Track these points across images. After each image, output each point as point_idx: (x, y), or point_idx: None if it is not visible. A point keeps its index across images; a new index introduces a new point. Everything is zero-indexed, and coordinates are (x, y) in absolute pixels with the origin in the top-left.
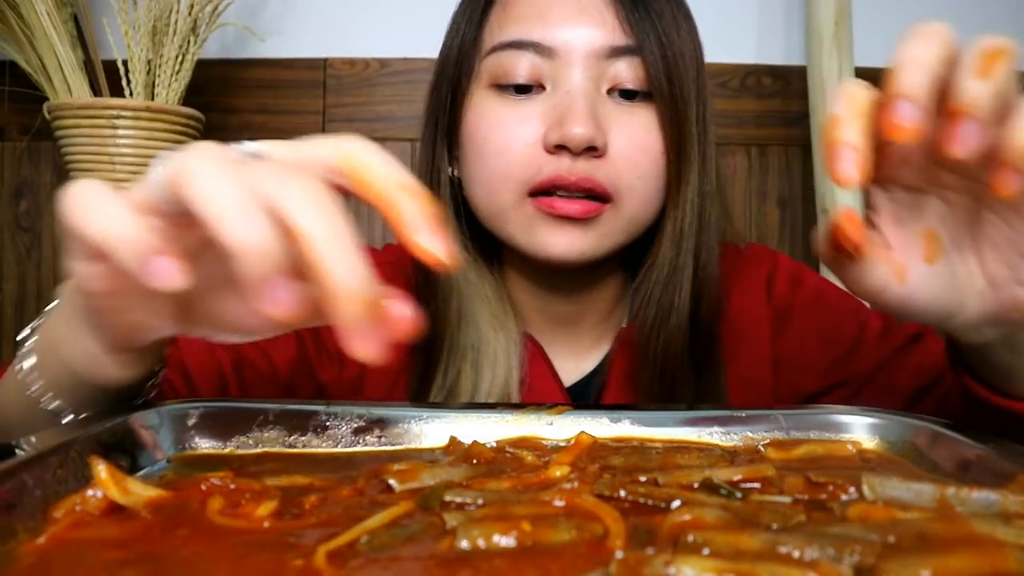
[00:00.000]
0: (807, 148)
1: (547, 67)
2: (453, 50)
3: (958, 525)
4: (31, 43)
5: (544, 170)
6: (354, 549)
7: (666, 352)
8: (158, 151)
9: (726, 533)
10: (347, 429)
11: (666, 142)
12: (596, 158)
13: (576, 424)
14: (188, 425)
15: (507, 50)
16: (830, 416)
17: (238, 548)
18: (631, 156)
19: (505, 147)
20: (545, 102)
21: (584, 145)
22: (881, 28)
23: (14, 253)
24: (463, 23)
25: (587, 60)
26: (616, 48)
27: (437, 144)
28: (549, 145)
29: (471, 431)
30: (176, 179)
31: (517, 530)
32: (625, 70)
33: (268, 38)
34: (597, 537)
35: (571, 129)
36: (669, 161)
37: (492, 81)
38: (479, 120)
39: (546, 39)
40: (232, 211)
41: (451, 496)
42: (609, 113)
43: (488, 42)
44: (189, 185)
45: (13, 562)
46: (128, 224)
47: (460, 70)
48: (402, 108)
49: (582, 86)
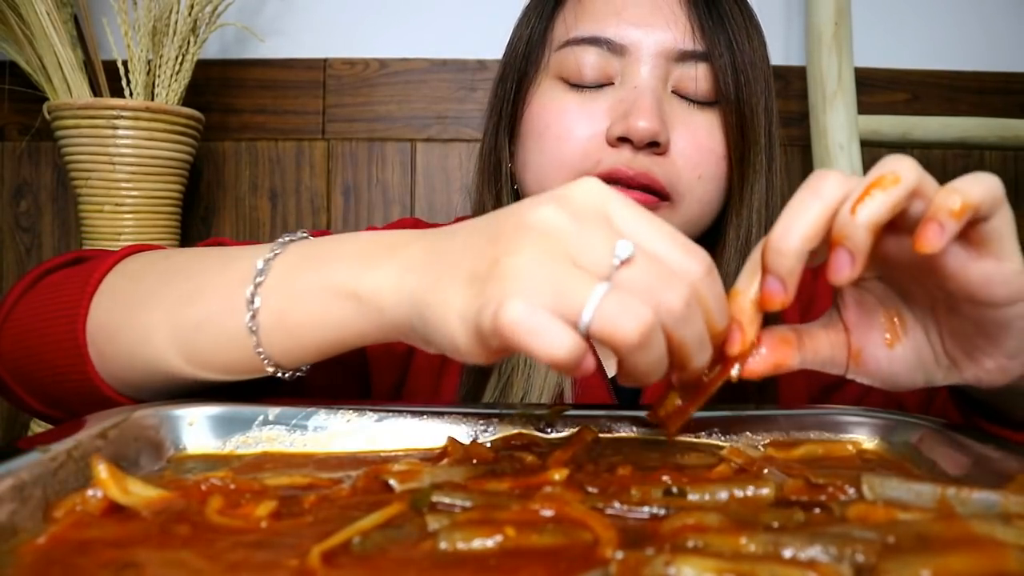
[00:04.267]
0: (807, 148)
1: (616, 64)
2: (522, 42)
3: (958, 525)
4: (31, 43)
5: (604, 162)
6: (348, 549)
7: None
8: (158, 151)
9: (726, 534)
10: (348, 429)
11: (728, 147)
12: (657, 155)
13: (576, 425)
14: (188, 425)
15: (580, 45)
16: (830, 416)
17: (236, 548)
18: (692, 156)
19: (566, 136)
20: (611, 97)
21: (647, 139)
22: (881, 28)
23: (14, 253)
24: (533, 16)
25: (656, 59)
26: (686, 52)
27: (500, 135)
28: (612, 138)
29: (471, 431)
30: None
31: (501, 534)
32: (692, 74)
33: (268, 38)
34: (587, 544)
35: (636, 122)
36: (731, 166)
37: (561, 74)
38: (543, 108)
39: (619, 36)
40: (639, 347)
41: (440, 498)
42: (674, 111)
43: (560, 35)
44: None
45: (13, 562)
46: (573, 347)
47: (528, 62)
48: (402, 108)
49: (650, 83)
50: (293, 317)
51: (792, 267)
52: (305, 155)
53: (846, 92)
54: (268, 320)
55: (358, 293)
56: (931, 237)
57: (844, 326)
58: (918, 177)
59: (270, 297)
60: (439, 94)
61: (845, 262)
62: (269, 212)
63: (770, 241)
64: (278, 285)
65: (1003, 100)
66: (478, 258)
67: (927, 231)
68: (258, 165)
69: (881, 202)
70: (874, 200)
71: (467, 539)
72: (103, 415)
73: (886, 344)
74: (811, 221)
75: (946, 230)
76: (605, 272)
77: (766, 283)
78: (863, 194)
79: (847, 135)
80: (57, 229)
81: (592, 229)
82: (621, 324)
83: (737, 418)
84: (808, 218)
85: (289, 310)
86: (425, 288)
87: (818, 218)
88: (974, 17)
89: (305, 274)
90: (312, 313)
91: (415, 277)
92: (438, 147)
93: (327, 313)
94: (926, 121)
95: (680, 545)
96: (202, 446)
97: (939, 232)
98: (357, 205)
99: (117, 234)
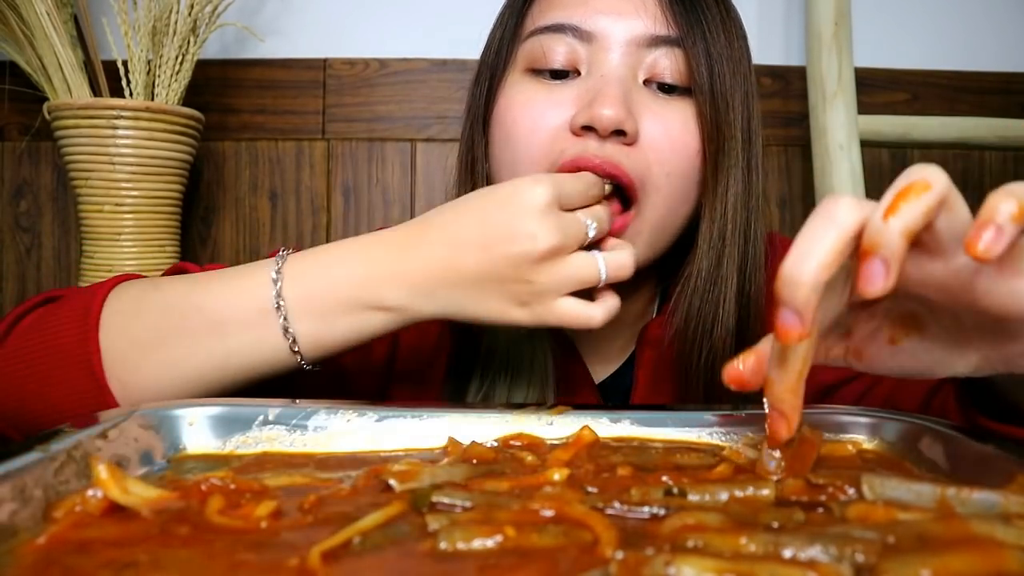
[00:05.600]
0: (807, 148)
1: (584, 52)
2: (495, 40)
3: (958, 525)
4: (31, 43)
5: (568, 151)
6: (348, 549)
7: (711, 365)
8: (158, 151)
9: (726, 534)
10: (348, 429)
11: (703, 140)
12: (625, 144)
13: (576, 424)
14: (188, 425)
15: (545, 33)
16: (830, 416)
17: (236, 548)
18: (663, 148)
19: (532, 129)
20: (578, 87)
21: (612, 127)
22: (881, 28)
23: (14, 253)
24: (507, 14)
25: (626, 47)
26: (657, 38)
27: (475, 135)
28: (576, 127)
29: (471, 431)
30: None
31: (501, 534)
32: (664, 61)
33: (268, 38)
34: (587, 544)
35: (600, 110)
36: (704, 161)
37: (528, 65)
38: (509, 102)
39: (585, 23)
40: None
41: (440, 498)
42: (643, 101)
43: (528, 27)
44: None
45: (13, 562)
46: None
47: (498, 58)
48: (402, 108)
49: (618, 71)
50: (329, 337)
51: (807, 298)
52: (305, 155)
53: (846, 92)
54: (306, 341)
55: (386, 305)
56: (989, 241)
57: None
58: (948, 185)
59: (301, 325)
60: (439, 94)
61: (879, 272)
62: (269, 212)
63: (783, 272)
64: (304, 313)
65: (1003, 100)
66: (500, 270)
67: (983, 235)
68: (258, 165)
69: (915, 207)
70: (908, 204)
71: (467, 539)
72: (103, 415)
73: (888, 342)
74: (827, 248)
75: (1005, 234)
76: (585, 241)
77: (780, 317)
78: (895, 201)
79: (847, 135)
80: (57, 229)
81: (570, 228)
82: (620, 269)
83: (737, 418)
84: (824, 245)
85: (324, 333)
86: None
87: (834, 244)
88: (974, 17)
89: (325, 301)
90: (349, 330)
91: (445, 290)
92: (438, 147)
93: (362, 327)
94: (926, 121)
95: (680, 545)
96: (202, 446)
97: (997, 235)
98: (357, 205)
99: (117, 234)
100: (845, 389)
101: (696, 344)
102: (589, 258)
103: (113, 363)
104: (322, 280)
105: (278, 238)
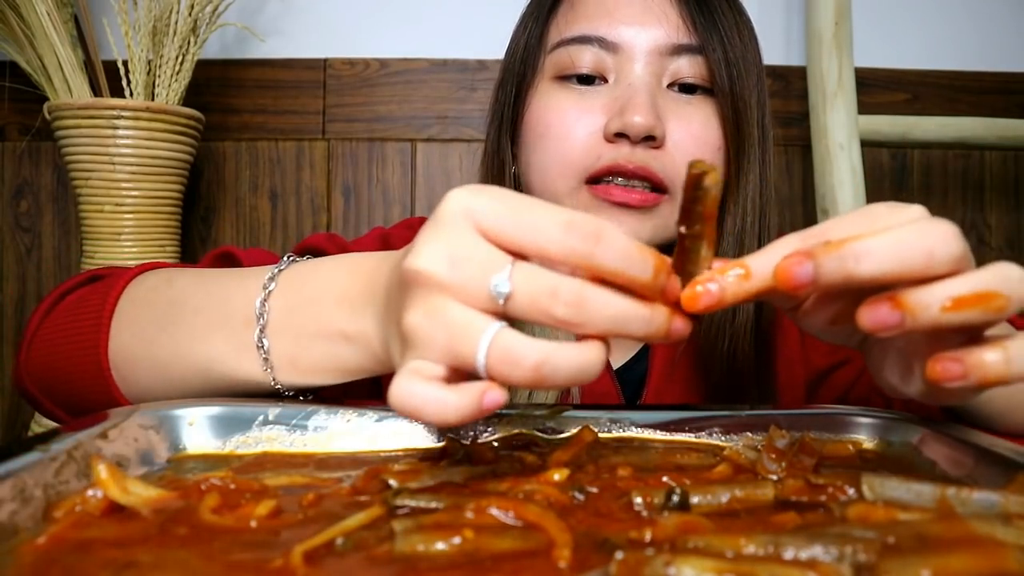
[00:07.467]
0: (807, 148)
1: (610, 61)
2: (519, 47)
3: (958, 525)
4: (31, 43)
5: (603, 158)
6: (331, 549)
7: (733, 352)
8: (158, 151)
9: (726, 534)
10: (348, 429)
11: (725, 137)
12: (654, 148)
13: (576, 425)
14: (188, 425)
15: (573, 44)
16: (830, 416)
17: (234, 548)
18: (688, 148)
19: (566, 135)
20: (607, 94)
21: (643, 133)
22: (881, 28)
23: (14, 253)
24: (530, 21)
25: (649, 56)
26: (679, 46)
27: (502, 139)
28: (609, 134)
29: (472, 431)
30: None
31: (460, 537)
32: (686, 66)
33: (268, 38)
34: (543, 546)
35: (631, 118)
36: (728, 158)
37: (556, 73)
38: (542, 109)
39: (611, 35)
40: (538, 380)
41: (405, 501)
42: (668, 105)
43: (554, 37)
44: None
45: (13, 562)
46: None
47: (526, 65)
48: (402, 108)
49: (644, 79)
50: (305, 360)
51: (842, 278)
52: (305, 155)
53: (846, 92)
54: (280, 362)
55: (350, 337)
56: (950, 375)
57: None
58: (1018, 307)
59: (277, 342)
60: (439, 94)
61: (891, 323)
62: (269, 212)
63: (853, 244)
64: (282, 329)
65: (1003, 100)
66: (394, 313)
67: (947, 367)
68: (258, 165)
69: (971, 316)
70: (967, 311)
71: (427, 542)
72: (103, 415)
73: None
74: (905, 263)
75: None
76: (488, 305)
77: (797, 262)
78: (966, 301)
79: (847, 135)
80: (57, 229)
81: (466, 265)
82: (513, 366)
83: (737, 418)
84: (905, 260)
85: (298, 355)
86: (381, 328)
87: (916, 267)
88: (974, 17)
89: (302, 318)
90: (323, 356)
91: (391, 328)
92: (438, 147)
93: (336, 357)
94: (926, 121)
95: (680, 545)
96: (202, 446)
97: (960, 371)
98: (357, 205)
99: (117, 234)
100: (837, 373)
101: (719, 332)
102: (472, 323)
103: (116, 355)
104: (304, 294)
105: (278, 238)
